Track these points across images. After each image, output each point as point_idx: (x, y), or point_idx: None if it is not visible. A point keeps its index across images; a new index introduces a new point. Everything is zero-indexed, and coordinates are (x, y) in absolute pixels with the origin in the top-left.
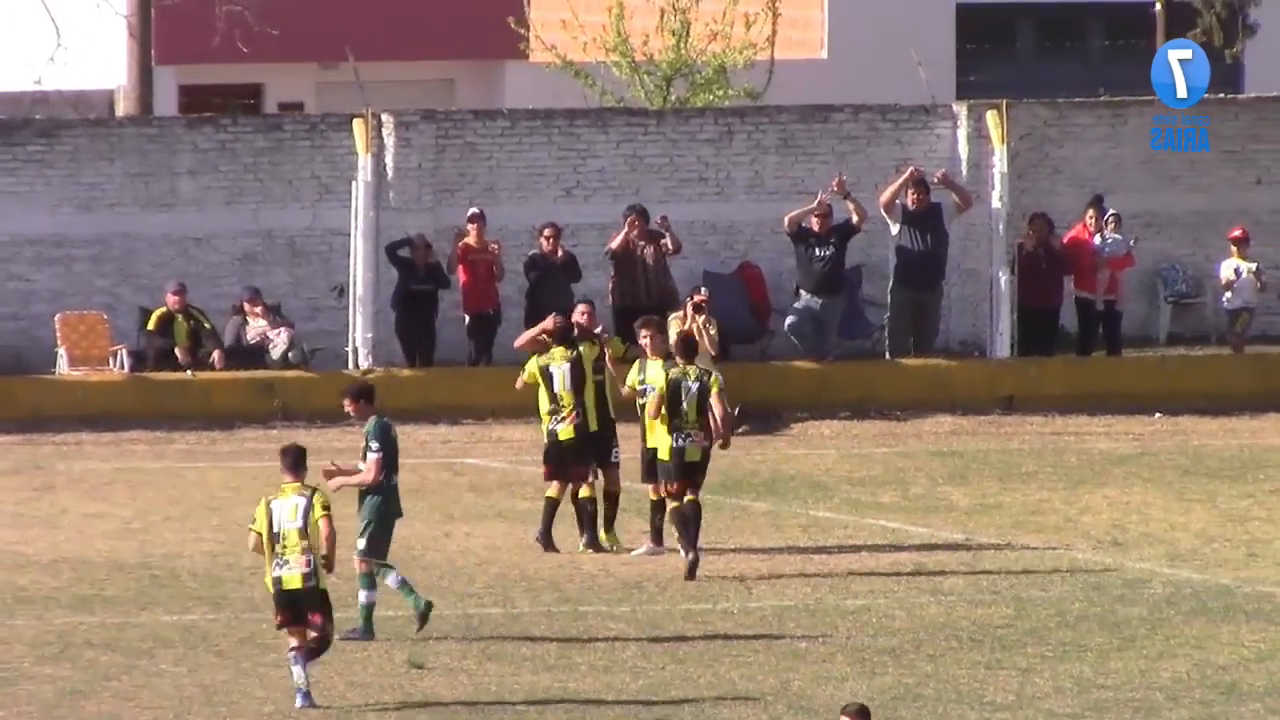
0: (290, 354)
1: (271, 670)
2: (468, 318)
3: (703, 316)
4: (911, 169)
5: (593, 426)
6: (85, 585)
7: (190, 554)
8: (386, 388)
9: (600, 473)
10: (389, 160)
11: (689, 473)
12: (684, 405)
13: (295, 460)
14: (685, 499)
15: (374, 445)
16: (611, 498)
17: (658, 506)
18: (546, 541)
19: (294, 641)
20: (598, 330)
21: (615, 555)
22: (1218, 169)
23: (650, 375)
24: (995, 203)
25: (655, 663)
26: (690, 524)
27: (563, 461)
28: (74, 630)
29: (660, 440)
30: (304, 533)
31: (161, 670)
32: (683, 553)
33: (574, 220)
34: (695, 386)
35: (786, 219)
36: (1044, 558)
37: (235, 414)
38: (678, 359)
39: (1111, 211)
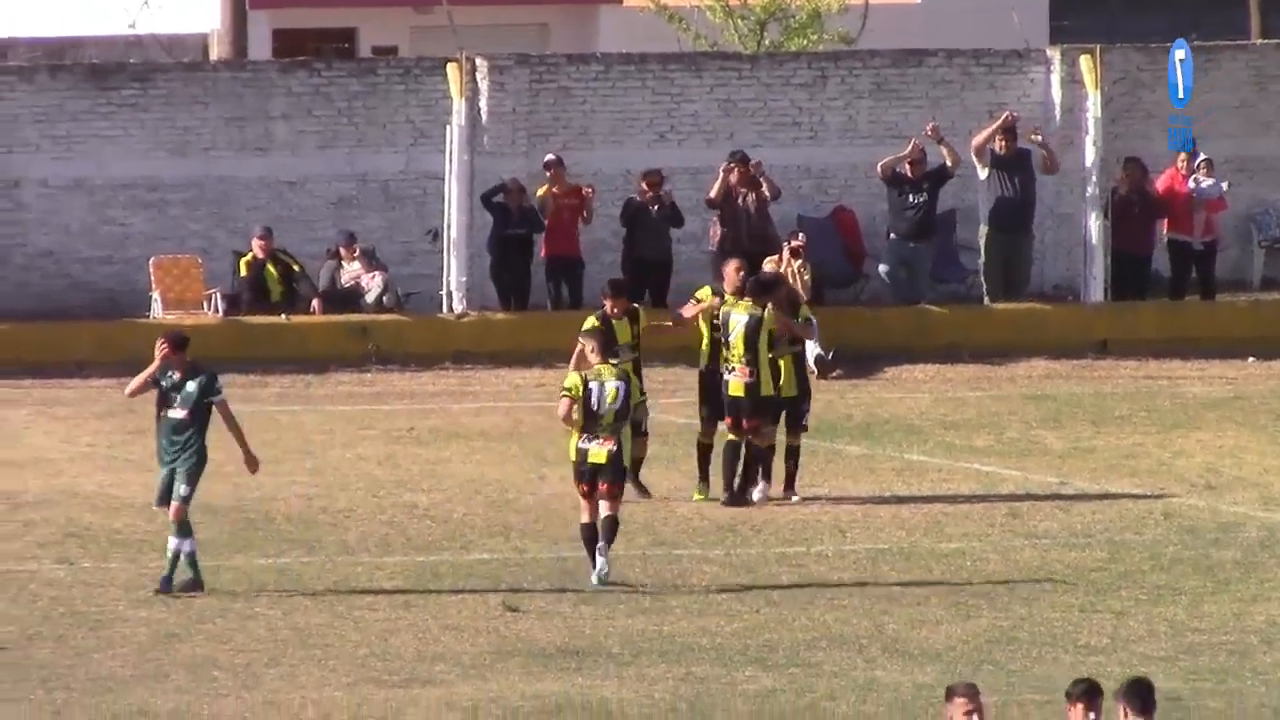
0: (384, 298)
1: (366, 613)
2: (546, 261)
3: (799, 261)
4: (1007, 114)
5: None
6: None
7: (284, 497)
8: (480, 331)
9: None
10: (483, 104)
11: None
12: (731, 336)
13: (607, 342)
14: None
15: (217, 389)
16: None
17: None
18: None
19: (585, 518)
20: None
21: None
22: None
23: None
24: (1089, 148)
25: (750, 606)
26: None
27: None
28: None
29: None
30: (620, 415)
31: (255, 613)
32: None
33: (667, 164)
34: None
35: (880, 164)
36: (1138, 502)
37: (329, 357)
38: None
39: (1203, 156)
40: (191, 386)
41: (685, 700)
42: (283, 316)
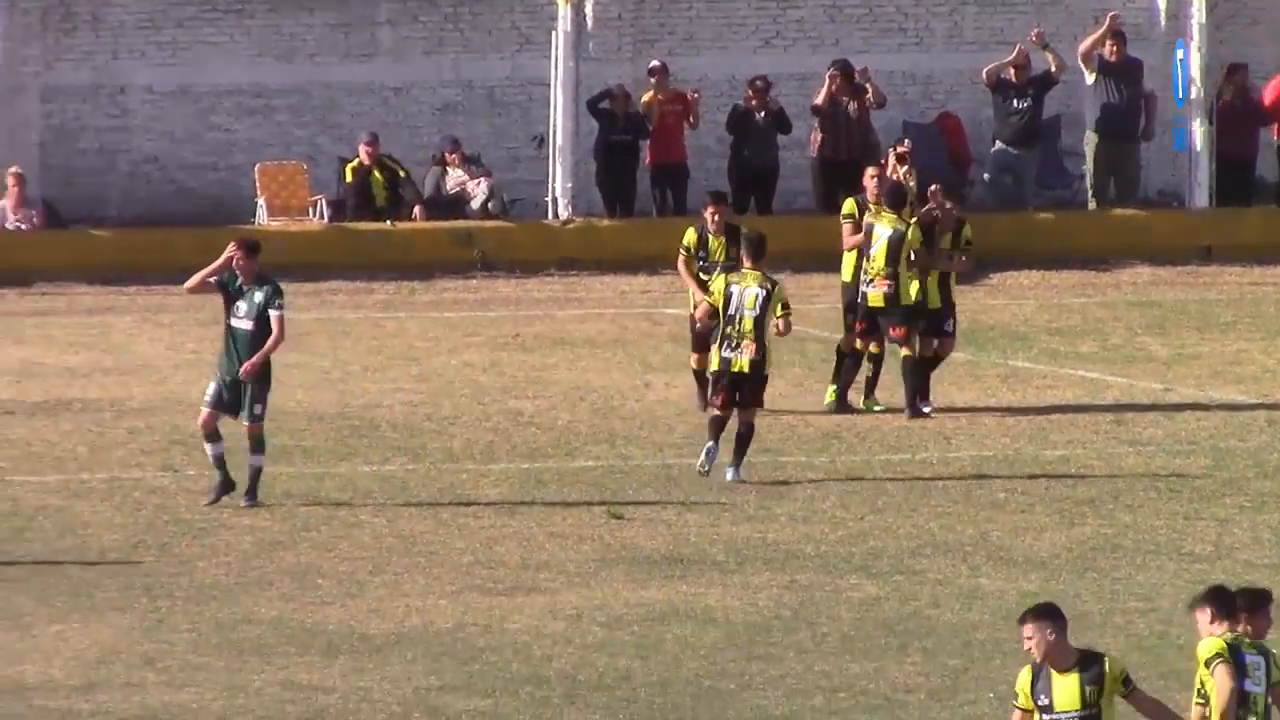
0: (490, 204)
1: (470, 520)
2: (651, 168)
3: (905, 167)
4: (1111, 16)
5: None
6: (284, 435)
7: (389, 404)
8: (586, 237)
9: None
10: (588, 10)
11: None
12: (874, 249)
13: (758, 246)
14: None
15: (279, 304)
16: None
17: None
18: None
19: (717, 412)
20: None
21: (817, 407)
22: None
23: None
24: (1194, 53)
25: (854, 513)
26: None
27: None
28: (273, 481)
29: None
30: (758, 322)
31: (360, 521)
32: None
33: (773, 70)
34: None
35: (985, 70)
36: (1242, 409)
37: (434, 264)
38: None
39: None
40: (259, 295)
41: (789, 608)
42: (388, 223)
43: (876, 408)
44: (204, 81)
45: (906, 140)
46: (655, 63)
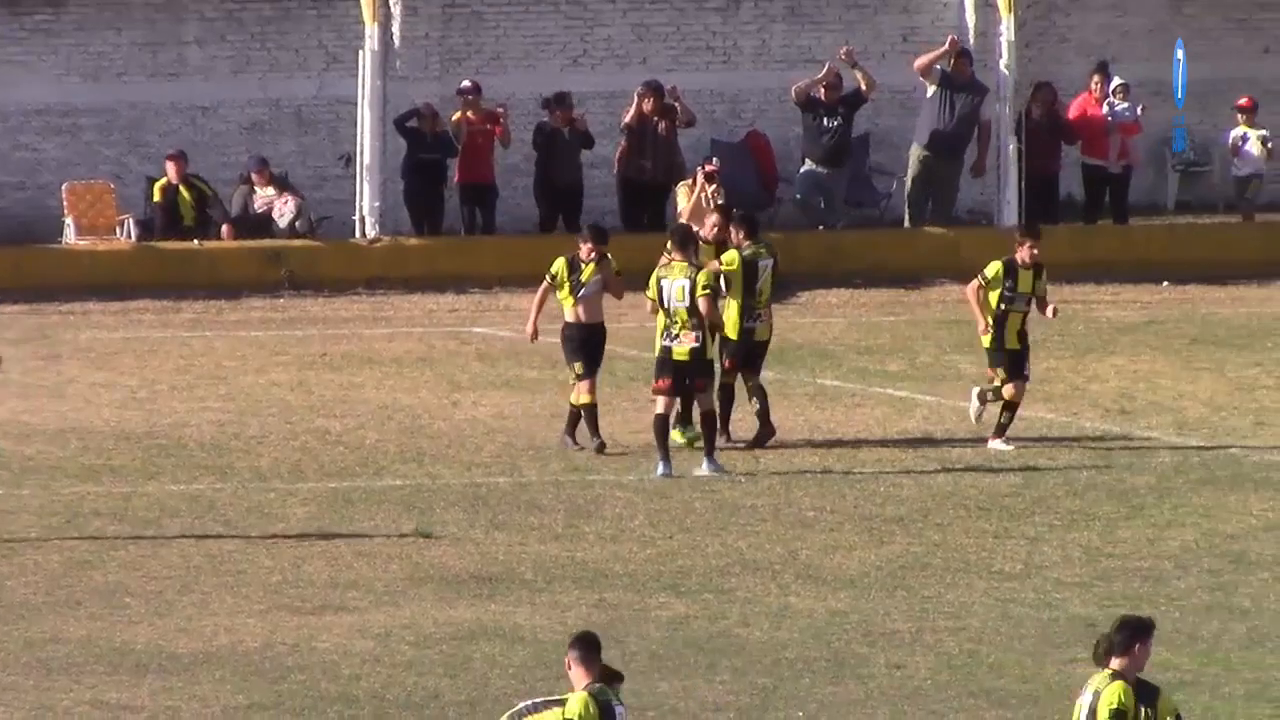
0: (297, 223)
1: (278, 540)
2: (460, 187)
3: (713, 186)
4: (951, 38)
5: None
6: (92, 455)
7: (197, 423)
8: (393, 256)
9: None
10: (396, 29)
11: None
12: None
13: (683, 237)
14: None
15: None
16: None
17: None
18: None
19: (660, 409)
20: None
21: (627, 426)
22: (1225, 37)
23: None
24: (1003, 71)
25: (663, 531)
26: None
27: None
28: (81, 500)
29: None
30: (691, 310)
31: (168, 540)
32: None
33: (580, 89)
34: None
35: (794, 88)
36: (1052, 426)
37: (242, 283)
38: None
39: (1119, 81)
40: None
41: (598, 626)
42: (195, 242)
43: (690, 434)
44: (11, 101)
45: (714, 159)
46: (466, 83)
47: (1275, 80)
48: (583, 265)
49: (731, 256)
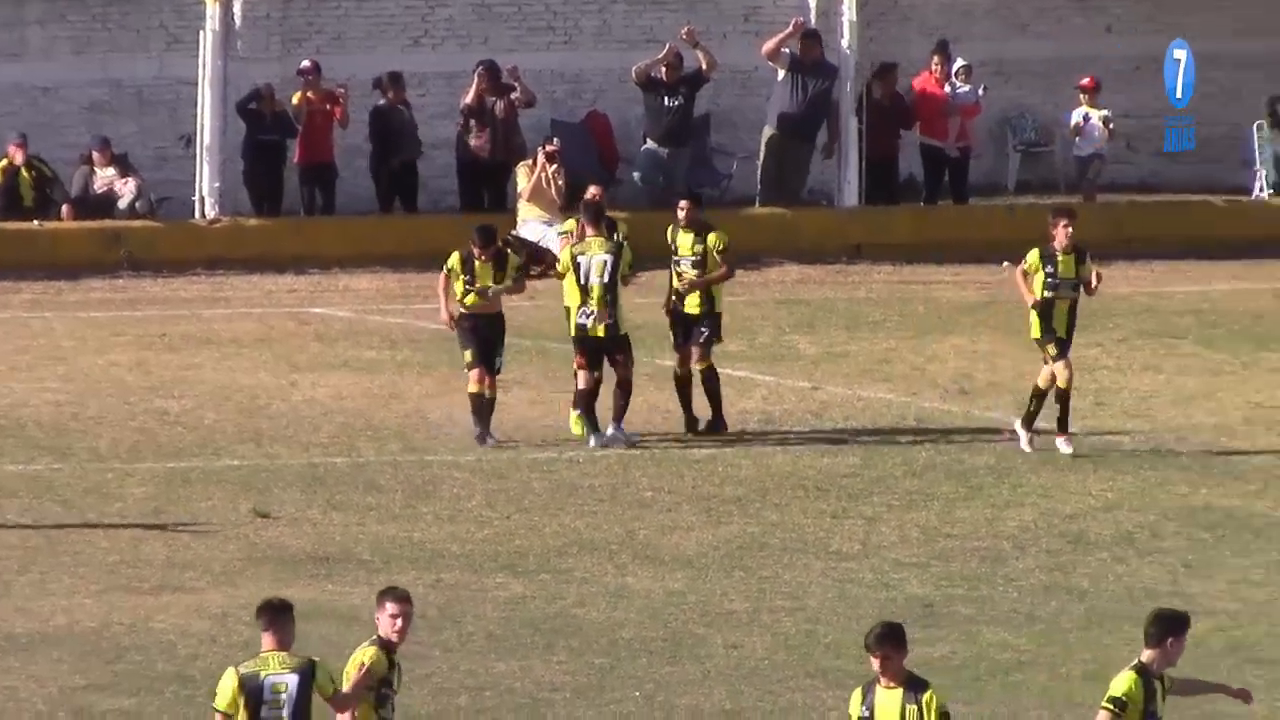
0: (137, 204)
1: (116, 520)
2: (300, 167)
3: (554, 166)
4: (796, 19)
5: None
6: None
7: (35, 403)
8: (233, 237)
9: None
10: (236, 9)
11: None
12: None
13: (596, 213)
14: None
15: None
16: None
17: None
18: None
19: (580, 384)
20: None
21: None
22: (1068, 16)
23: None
24: (844, 51)
25: (500, 512)
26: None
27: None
28: None
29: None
30: (609, 287)
31: (6, 520)
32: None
33: (421, 69)
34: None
35: (635, 69)
36: (891, 407)
37: (82, 264)
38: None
39: (961, 63)
40: None
41: (435, 606)
42: (35, 223)
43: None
44: None
45: (554, 139)
46: (306, 63)
47: (1117, 60)
48: (477, 263)
49: (569, 223)
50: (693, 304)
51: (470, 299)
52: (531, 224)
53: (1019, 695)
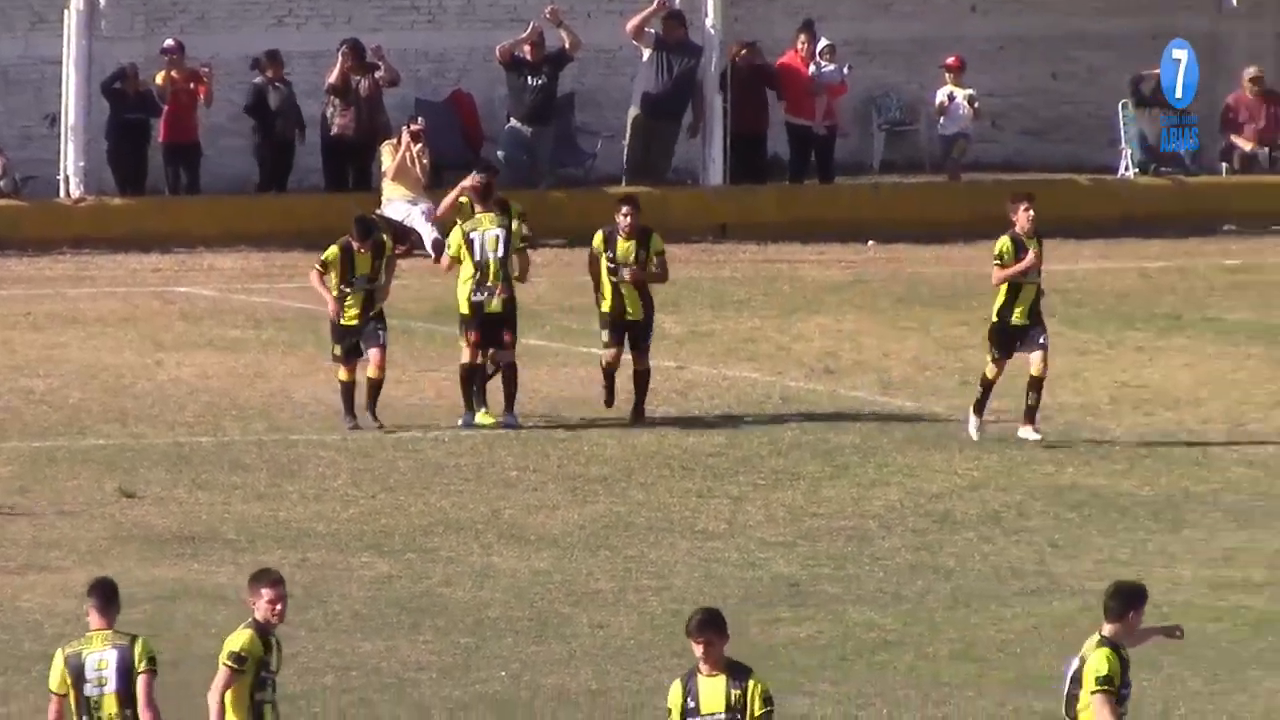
0: (2, 183)
1: None
2: (164, 146)
3: (418, 145)
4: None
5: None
6: None
7: None
8: (98, 216)
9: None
10: None
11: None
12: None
13: (486, 189)
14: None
15: None
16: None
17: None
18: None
19: (465, 358)
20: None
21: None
22: None
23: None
24: (709, 29)
25: (366, 491)
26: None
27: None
28: None
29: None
30: (504, 262)
31: None
32: None
33: (285, 49)
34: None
35: (499, 47)
36: (756, 386)
37: None
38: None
39: (826, 42)
40: None
41: (301, 586)
42: None
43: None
44: None
45: (419, 118)
46: (169, 42)
47: (982, 39)
48: (356, 255)
49: (454, 233)
50: (635, 309)
51: (351, 316)
52: (396, 203)
53: (885, 674)
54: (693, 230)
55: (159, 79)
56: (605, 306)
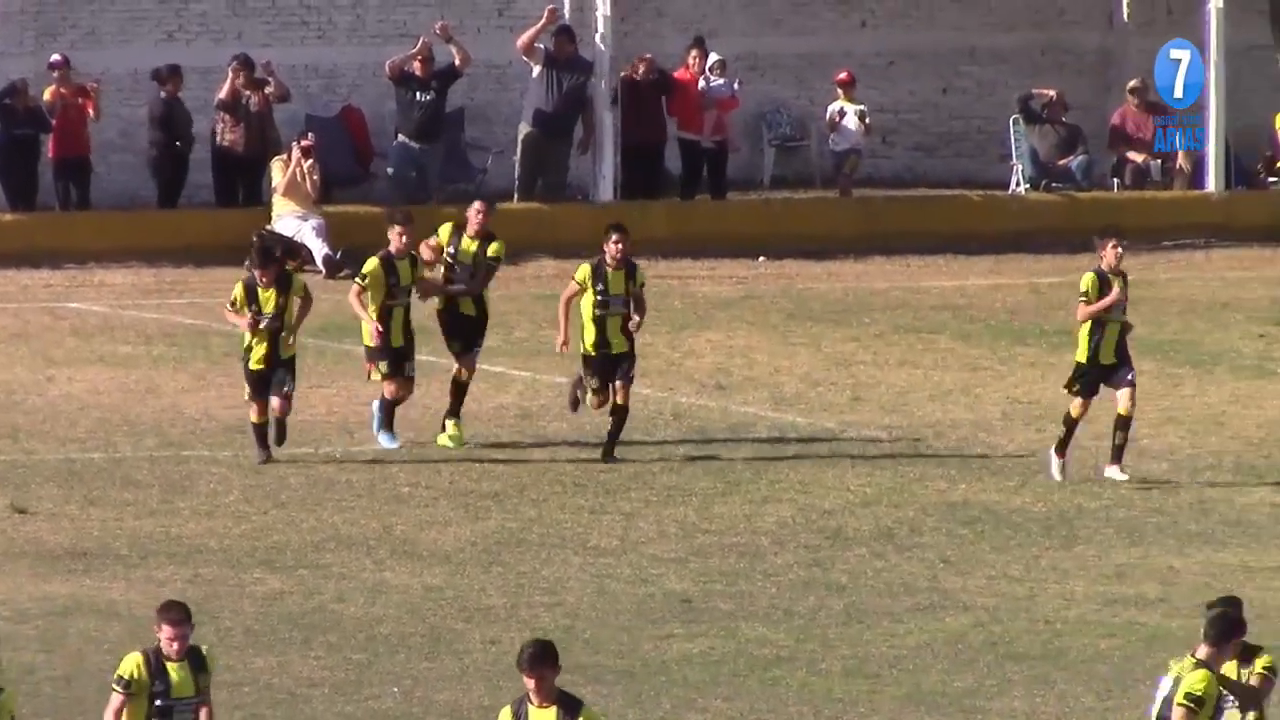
0: None
1: None
2: (55, 162)
3: (309, 161)
4: (550, 8)
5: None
6: None
7: None
8: None
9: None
10: None
11: None
12: None
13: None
14: None
15: None
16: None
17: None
18: None
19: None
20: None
21: (222, 402)
22: (822, 11)
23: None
24: (599, 46)
25: (257, 507)
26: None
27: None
28: None
29: None
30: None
31: None
32: None
33: (175, 64)
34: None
35: (388, 63)
36: (648, 402)
37: None
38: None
39: (716, 58)
40: None
41: (193, 602)
42: None
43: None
44: None
45: (309, 134)
46: (57, 56)
47: (872, 55)
48: (260, 291)
49: (444, 229)
50: (619, 344)
51: (258, 359)
52: (286, 218)
53: (778, 691)
54: (583, 246)
55: (47, 94)
56: (588, 344)
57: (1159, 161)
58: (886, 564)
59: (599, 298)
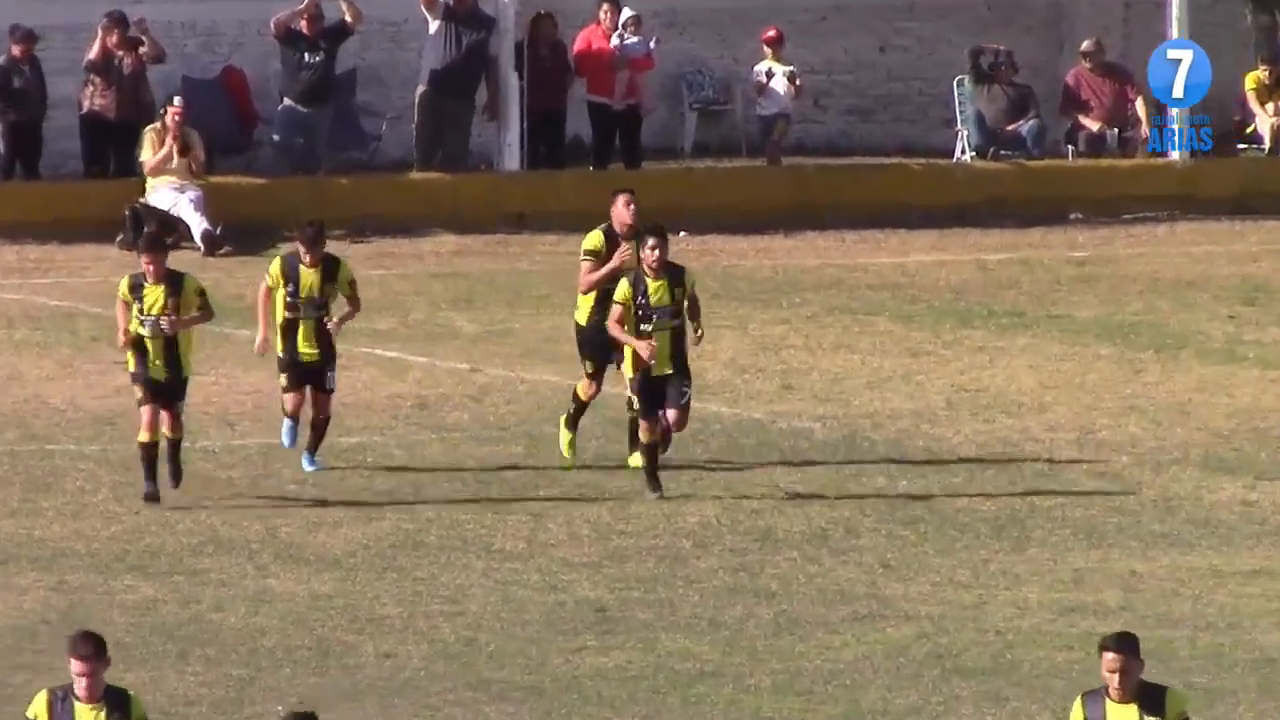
0: None
1: None
2: None
3: (194, 134)
4: None
5: None
6: None
7: None
8: None
9: None
10: None
11: None
12: None
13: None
14: None
15: None
16: None
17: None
18: None
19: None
20: None
21: (90, 391)
22: None
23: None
24: (503, 0)
25: (129, 507)
26: None
27: None
28: None
29: None
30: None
31: None
32: None
33: (41, 22)
34: None
35: (273, 20)
36: (557, 390)
37: None
38: None
39: (631, 13)
40: None
41: (57, 611)
42: None
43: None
44: None
45: (177, 100)
46: None
47: (802, 10)
48: (146, 287)
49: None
50: (664, 363)
51: (156, 368)
52: (161, 190)
53: (702, 709)
54: (487, 220)
55: None
56: (632, 365)
57: (1115, 130)
58: (820, 569)
59: (640, 311)
